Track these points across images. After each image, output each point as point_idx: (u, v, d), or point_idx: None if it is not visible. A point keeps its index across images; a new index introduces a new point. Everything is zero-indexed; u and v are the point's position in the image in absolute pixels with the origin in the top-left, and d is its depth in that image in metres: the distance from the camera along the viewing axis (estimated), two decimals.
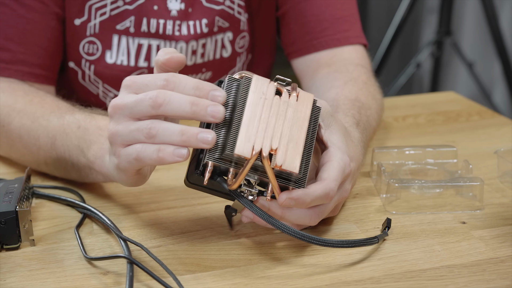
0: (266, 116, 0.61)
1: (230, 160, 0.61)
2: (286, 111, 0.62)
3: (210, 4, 1.00)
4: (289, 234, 0.62)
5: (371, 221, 0.73)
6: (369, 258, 0.66)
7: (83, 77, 1.02)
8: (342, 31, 1.00)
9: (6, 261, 0.66)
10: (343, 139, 0.68)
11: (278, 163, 0.60)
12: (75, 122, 0.77)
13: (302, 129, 0.63)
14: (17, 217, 0.67)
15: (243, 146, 0.60)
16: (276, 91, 0.63)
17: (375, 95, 0.92)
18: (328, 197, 0.63)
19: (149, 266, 0.63)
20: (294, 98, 0.63)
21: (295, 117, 0.63)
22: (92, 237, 0.70)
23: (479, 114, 1.08)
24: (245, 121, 0.60)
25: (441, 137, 0.98)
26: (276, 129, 0.61)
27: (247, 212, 0.65)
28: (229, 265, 0.65)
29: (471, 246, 0.68)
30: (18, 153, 0.85)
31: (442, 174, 0.83)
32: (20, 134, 0.83)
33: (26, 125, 0.82)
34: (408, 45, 2.94)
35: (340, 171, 0.65)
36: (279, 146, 0.61)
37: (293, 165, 0.61)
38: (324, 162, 0.65)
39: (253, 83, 0.63)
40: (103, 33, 0.98)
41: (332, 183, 0.63)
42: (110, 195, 0.79)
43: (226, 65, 1.06)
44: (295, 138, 0.62)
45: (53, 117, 0.81)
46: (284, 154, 0.61)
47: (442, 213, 0.75)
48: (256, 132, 0.60)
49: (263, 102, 0.62)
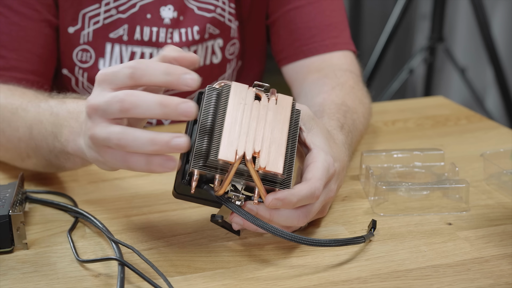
0: (247, 121, 0.63)
1: (215, 167, 0.63)
2: (266, 115, 0.64)
3: (201, 12, 1.02)
4: (279, 235, 0.64)
5: (359, 223, 0.75)
6: (357, 258, 0.68)
7: (77, 84, 1.03)
8: (331, 38, 1.02)
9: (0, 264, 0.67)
10: (326, 141, 0.70)
11: (262, 165, 0.62)
12: (48, 108, 0.77)
13: (283, 131, 0.64)
14: (10, 221, 0.68)
15: (226, 151, 0.61)
16: (256, 96, 0.65)
17: (363, 100, 0.94)
18: (314, 196, 0.65)
19: (140, 268, 0.65)
20: (273, 101, 0.66)
21: (276, 119, 0.65)
22: (84, 241, 0.71)
23: (468, 118, 1.09)
24: (227, 126, 0.62)
25: (430, 141, 1.00)
26: (258, 133, 0.63)
27: (236, 219, 0.66)
28: (219, 267, 0.66)
29: (457, 246, 0.70)
30: (3, 149, 0.84)
31: (429, 176, 0.85)
32: (3, 128, 0.83)
33: (7, 118, 0.82)
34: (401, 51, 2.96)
35: (324, 171, 0.66)
36: (262, 148, 0.63)
37: (277, 166, 0.62)
38: (308, 164, 0.67)
39: (232, 90, 0.65)
40: (96, 41, 0.99)
41: (317, 183, 0.65)
42: (103, 199, 0.81)
43: (216, 71, 1.07)
44: (277, 140, 0.64)
45: (30, 106, 0.80)
46: (267, 156, 0.62)
47: (429, 214, 0.76)
48: (238, 137, 0.62)
49: (243, 107, 0.64)
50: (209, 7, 1.02)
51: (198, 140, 0.63)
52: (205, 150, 0.63)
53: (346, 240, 0.67)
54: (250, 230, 0.68)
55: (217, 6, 1.02)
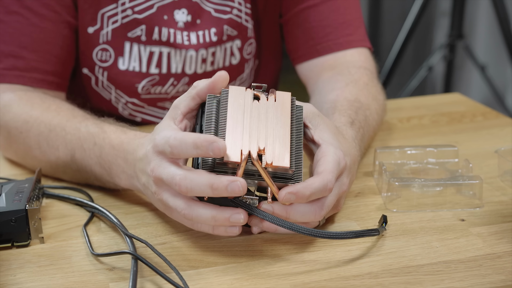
0: (248, 121, 0.65)
1: (224, 171, 0.64)
2: (266, 113, 0.66)
3: (218, 14, 1.02)
4: (299, 232, 0.64)
5: (371, 219, 0.75)
6: (368, 254, 0.68)
7: (96, 83, 1.04)
8: (346, 35, 1.02)
9: (17, 257, 0.69)
10: (334, 136, 0.70)
11: (268, 160, 0.63)
12: (90, 138, 0.80)
13: (285, 126, 0.66)
14: (27, 216, 0.69)
15: (231, 152, 0.63)
16: (254, 97, 0.67)
17: (376, 96, 0.94)
18: (326, 189, 0.65)
19: (154, 262, 0.66)
20: (272, 99, 0.67)
21: (277, 116, 0.66)
22: (99, 235, 0.73)
23: (483, 115, 1.09)
24: (229, 129, 0.64)
25: (445, 138, 1.00)
26: (260, 131, 0.65)
27: (255, 221, 0.68)
28: (231, 261, 0.67)
29: (469, 242, 0.70)
30: (35, 160, 0.87)
31: (443, 173, 0.85)
32: (39, 142, 0.85)
33: (44, 134, 0.85)
34: (420, 48, 2.95)
35: (335, 164, 0.67)
36: (266, 145, 0.64)
37: (284, 161, 0.64)
38: (319, 159, 0.68)
39: (230, 94, 0.66)
40: (115, 41, 1.01)
41: (329, 175, 0.65)
42: (118, 195, 0.82)
43: (235, 71, 1.08)
44: (281, 135, 0.65)
45: (69, 128, 0.83)
46: (273, 152, 0.64)
47: (442, 211, 0.76)
48: (242, 137, 0.64)
49: (242, 108, 0.66)
50: (226, 8, 1.03)
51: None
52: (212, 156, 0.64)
53: (361, 232, 0.68)
54: (270, 231, 0.69)
55: (234, 8, 1.03)
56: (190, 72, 1.04)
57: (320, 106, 0.88)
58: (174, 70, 1.03)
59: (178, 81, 1.04)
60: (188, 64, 1.03)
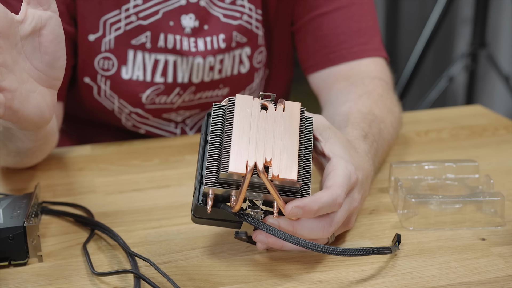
0: (254, 131, 0.65)
1: (229, 183, 0.64)
2: (274, 123, 0.66)
3: (227, 19, 1.03)
4: (304, 246, 0.64)
5: (386, 238, 0.76)
6: (382, 274, 0.68)
7: (99, 93, 1.05)
8: (360, 44, 1.03)
9: (14, 277, 0.69)
10: (345, 149, 0.71)
11: (275, 173, 0.63)
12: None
13: (293, 137, 0.66)
14: (25, 233, 0.70)
15: (236, 163, 0.63)
16: (262, 106, 0.67)
17: (392, 108, 0.94)
18: (336, 204, 0.65)
19: (157, 281, 0.66)
20: (280, 109, 0.67)
21: (285, 127, 0.66)
22: (100, 253, 0.74)
23: (506, 128, 1.09)
24: (235, 139, 0.64)
25: (464, 152, 1.00)
26: (267, 142, 0.65)
27: (260, 236, 0.67)
28: (238, 281, 0.68)
29: (490, 263, 0.70)
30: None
31: (463, 189, 0.85)
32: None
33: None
34: (441, 58, 2.95)
35: (345, 178, 0.67)
36: (273, 156, 0.64)
37: (291, 173, 0.64)
38: (328, 172, 0.68)
39: (237, 103, 0.67)
40: (118, 49, 1.02)
41: (338, 189, 0.66)
42: (120, 211, 0.83)
43: (244, 81, 1.09)
44: (289, 147, 0.65)
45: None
46: (279, 164, 0.64)
47: (461, 229, 0.76)
48: (248, 148, 0.64)
49: (249, 118, 0.66)
50: (235, 14, 1.03)
51: (208, 158, 0.65)
52: (216, 167, 0.64)
53: (372, 249, 0.68)
54: (276, 248, 0.69)
55: (244, 13, 1.04)
56: (197, 81, 1.05)
57: (332, 118, 0.89)
58: (180, 79, 1.04)
59: (184, 90, 1.05)
60: (195, 72, 1.03)
